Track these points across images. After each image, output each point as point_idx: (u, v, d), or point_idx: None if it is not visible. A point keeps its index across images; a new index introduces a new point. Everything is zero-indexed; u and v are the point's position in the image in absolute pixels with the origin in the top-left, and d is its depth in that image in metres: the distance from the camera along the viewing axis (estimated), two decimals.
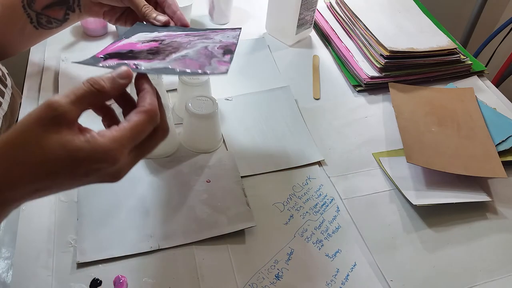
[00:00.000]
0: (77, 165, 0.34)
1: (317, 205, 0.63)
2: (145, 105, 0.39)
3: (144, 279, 0.52)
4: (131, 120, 0.37)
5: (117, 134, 0.36)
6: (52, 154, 0.33)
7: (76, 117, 0.35)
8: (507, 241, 0.61)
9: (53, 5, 0.62)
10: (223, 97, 0.77)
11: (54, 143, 0.34)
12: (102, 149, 0.35)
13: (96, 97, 0.37)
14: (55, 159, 0.34)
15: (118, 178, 0.38)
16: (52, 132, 0.34)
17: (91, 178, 0.36)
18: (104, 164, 0.35)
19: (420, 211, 0.63)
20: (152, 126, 0.39)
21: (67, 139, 0.34)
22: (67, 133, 0.34)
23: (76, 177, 0.35)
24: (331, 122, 0.76)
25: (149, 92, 0.40)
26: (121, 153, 0.36)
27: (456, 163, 0.66)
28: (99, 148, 0.35)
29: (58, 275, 0.52)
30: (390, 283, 0.55)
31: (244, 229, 0.58)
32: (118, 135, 0.36)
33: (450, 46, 0.84)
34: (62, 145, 0.34)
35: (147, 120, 0.38)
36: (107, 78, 0.38)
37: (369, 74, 0.82)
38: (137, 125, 0.37)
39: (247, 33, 0.94)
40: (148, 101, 0.39)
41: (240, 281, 0.53)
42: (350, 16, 0.91)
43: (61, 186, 0.36)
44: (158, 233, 0.56)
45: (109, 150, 0.35)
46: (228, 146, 0.69)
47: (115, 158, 0.35)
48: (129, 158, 0.38)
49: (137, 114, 0.38)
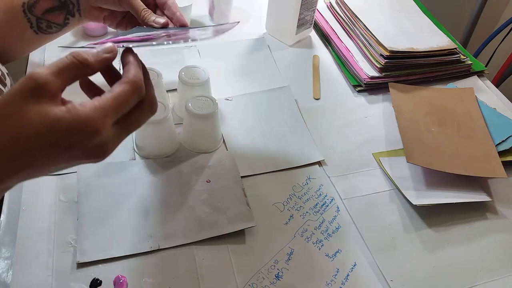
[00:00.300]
0: (57, 136, 0.33)
1: (317, 205, 0.63)
2: (129, 76, 0.38)
3: (144, 279, 0.52)
4: (114, 90, 0.36)
5: (99, 103, 0.35)
6: (30, 125, 0.32)
7: (57, 88, 0.34)
8: (507, 241, 0.61)
9: (53, 9, 0.62)
10: (223, 97, 0.77)
11: (33, 114, 0.32)
12: (82, 119, 0.33)
13: (79, 69, 0.36)
14: (34, 130, 0.32)
15: (104, 154, 0.36)
16: (31, 103, 0.33)
17: (75, 153, 0.35)
18: (85, 134, 0.34)
19: (420, 211, 0.63)
20: (137, 97, 0.38)
21: (47, 110, 0.33)
22: (47, 104, 0.33)
23: (58, 151, 0.34)
24: (331, 122, 0.76)
25: (134, 64, 0.39)
26: (104, 123, 0.35)
27: (456, 163, 0.66)
28: (79, 118, 0.33)
29: (58, 275, 0.52)
30: (390, 283, 0.55)
31: (244, 229, 0.58)
32: (99, 104, 0.35)
33: (450, 46, 0.84)
34: (42, 116, 0.33)
35: (131, 90, 0.37)
36: (91, 52, 0.37)
37: (369, 74, 0.82)
38: (120, 95, 0.36)
39: (247, 33, 0.94)
40: (132, 72, 0.38)
41: (240, 281, 0.53)
42: (350, 16, 0.91)
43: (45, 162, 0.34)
44: (158, 233, 0.56)
45: (91, 119, 0.34)
46: (228, 146, 0.69)
47: (97, 128, 0.34)
48: (113, 131, 0.36)
49: (120, 84, 0.37)
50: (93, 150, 0.36)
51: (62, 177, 0.61)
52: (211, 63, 0.83)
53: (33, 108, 0.33)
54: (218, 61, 0.85)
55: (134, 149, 0.67)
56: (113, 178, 0.62)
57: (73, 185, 0.60)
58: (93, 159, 0.36)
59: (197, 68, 0.70)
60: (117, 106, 0.36)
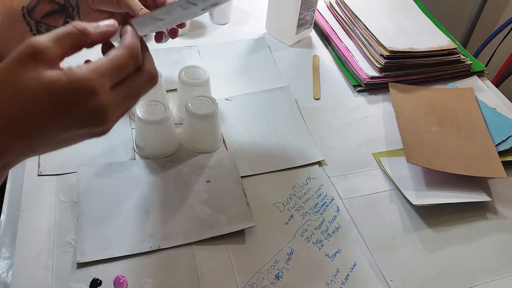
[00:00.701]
0: (54, 98, 0.33)
1: (317, 205, 0.63)
2: (125, 42, 0.38)
3: (144, 279, 0.52)
4: (110, 54, 0.36)
5: (95, 65, 0.35)
6: (26, 87, 0.32)
7: (55, 55, 0.34)
8: (507, 241, 0.61)
9: (53, 13, 0.62)
10: (223, 97, 0.77)
11: (30, 78, 0.32)
12: (79, 79, 0.33)
13: (78, 39, 0.36)
14: (30, 92, 0.32)
15: (103, 121, 0.36)
16: (29, 68, 0.33)
17: (73, 119, 0.34)
18: (82, 94, 0.33)
19: (420, 211, 0.63)
20: (133, 62, 0.38)
21: (44, 74, 0.33)
22: (45, 69, 0.33)
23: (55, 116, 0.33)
24: (331, 122, 0.76)
25: (131, 33, 0.39)
26: (100, 84, 0.34)
27: (456, 163, 0.66)
28: (76, 79, 0.33)
29: (58, 275, 0.52)
30: (390, 283, 0.55)
31: (244, 229, 0.58)
32: (95, 66, 0.35)
33: (450, 46, 0.84)
34: (38, 79, 0.32)
35: (127, 54, 0.37)
36: (91, 24, 0.37)
37: (369, 74, 0.82)
38: (116, 57, 0.36)
39: (247, 33, 0.94)
40: (128, 39, 0.38)
41: (240, 281, 0.53)
42: (350, 16, 0.91)
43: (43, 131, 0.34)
44: (158, 233, 0.56)
45: (87, 79, 0.33)
46: (228, 146, 0.69)
47: (93, 87, 0.34)
48: (112, 96, 0.36)
49: (116, 49, 0.37)
50: (92, 115, 0.35)
51: (62, 177, 0.61)
52: (211, 63, 0.83)
53: (30, 72, 0.33)
54: (218, 61, 0.85)
55: (134, 149, 0.67)
56: (113, 178, 0.62)
57: (73, 185, 0.60)
58: (93, 126, 0.36)
59: (197, 68, 0.70)
60: (113, 68, 0.36)
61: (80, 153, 0.65)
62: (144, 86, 0.40)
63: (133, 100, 0.39)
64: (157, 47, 0.85)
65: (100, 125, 0.36)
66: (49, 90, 0.33)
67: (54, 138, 0.35)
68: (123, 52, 0.37)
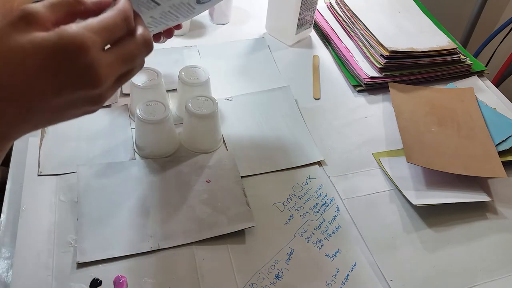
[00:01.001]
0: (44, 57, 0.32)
1: (317, 205, 0.63)
2: (117, 5, 0.37)
3: (144, 279, 0.52)
4: (101, 15, 0.36)
5: (85, 23, 0.34)
6: (17, 49, 0.32)
7: (47, 19, 0.34)
8: (507, 241, 0.61)
9: None
10: (223, 97, 0.77)
11: (21, 38, 0.32)
12: (69, 35, 0.33)
13: (72, 6, 0.35)
14: (20, 54, 0.32)
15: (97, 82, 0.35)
16: (21, 30, 0.32)
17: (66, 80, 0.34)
18: (72, 51, 0.33)
19: (420, 211, 0.63)
20: (125, 24, 0.37)
21: (35, 34, 0.33)
22: (37, 31, 0.33)
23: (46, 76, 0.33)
24: (331, 122, 0.76)
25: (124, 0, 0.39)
26: (91, 40, 0.34)
27: (456, 163, 0.66)
28: (66, 35, 0.33)
29: (58, 275, 0.52)
30: (390, 283, 0.55)
31: (244, 229, 0.58)
32: (86, 23, 0.34)
33: (450, 46, 0.84)
34: (29, 40, 0.32)
35: (118, 15, 0.36)
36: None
37: (369, 74, 0.82)
38: (107, 17, 0.36)
39: (247, 33, 0.94)
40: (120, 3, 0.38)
41: (240, 281, 0.53)
42: (350, 16, 0.91)
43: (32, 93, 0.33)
44: (158, 233, 0.56)
45: (76, 34, 0.33)
46: (228, 146, 0.69)
47: (83, 43, 0.33)
48: (105, 55, 0.35)
49: (108, 11, 0.37)
50: (83, 72, 0.34)
51: (62, 177, 0.61)
52: (211, 63, 0.83)
53: (21, 34, 0.32)
54: (218, 61, 0.85)
55: (134, 149, 0.67)
56: (113, 178, 0.62)
57: (73, 185, 0.60)
58: (86, 88, 0.35)
59: (197, 68, 0.70)
60: (104, 26, 0.35)
61: (80, 153, 0.65)
62: (139, 50, 0.38)
63: (127, 64, 0.38)
64: (157, 47, 0.85)
65: (93, 86, 0.35)
66: (39, 49, 0.32)
67: (48, 104, 0.34)
68: (115, 13, 0.36)
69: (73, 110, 0.36)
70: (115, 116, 0.71)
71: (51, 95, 0.34)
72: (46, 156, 0.64)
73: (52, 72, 0.33)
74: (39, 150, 0.64)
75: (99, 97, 0.36)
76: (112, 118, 0.70)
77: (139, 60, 0.39)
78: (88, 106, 0.37)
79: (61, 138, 0.66)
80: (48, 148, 0.65)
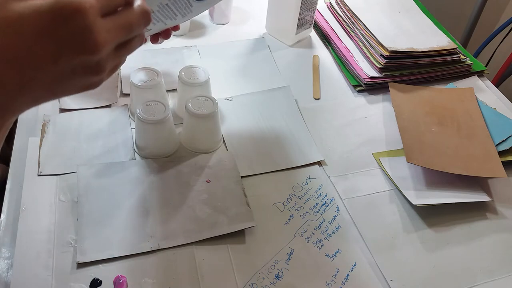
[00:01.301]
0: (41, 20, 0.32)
1: (317, 205, 0.63)
2: None
3: (144, 279, 0.52)
4: None
5: None
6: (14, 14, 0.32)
7: None
8: (507, 241, 0.61)
9: None
10: (223, 97, 0.77)
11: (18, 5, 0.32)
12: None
13: None
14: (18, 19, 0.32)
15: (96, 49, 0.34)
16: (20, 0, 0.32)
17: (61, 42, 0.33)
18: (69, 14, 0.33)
19: (420, 211, 0.63)
20: None
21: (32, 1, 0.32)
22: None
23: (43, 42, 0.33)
24: (331, 122, 0.76)
25: None
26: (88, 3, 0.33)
27: (456, 163, 0.66)
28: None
29: (58, 275, 0.52)
30: (390, 283, 0.55)
31: (244, 229, 0.58)
32: None
33: (450, 46, 0.84)
34: (26, 5, 0.32)
35: None
36: None
37: (369, 74, 0.82)
38: None
39: (247, 33, 0.94)
40: None
41: (240, 281, 0.53)
42: (350, 16, 0.91)
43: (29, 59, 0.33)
44: (158, 233, 0.56)
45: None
46: (228, 146, 0.69)
47: (80, 5, 0.33)
48: (102, 21, 0.35)
49: None
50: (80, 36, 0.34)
51: (62, 177, 0.61)
52: (211, 63, 0.83)
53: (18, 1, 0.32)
54: (218, 61, 0.85)
55: (134, 149, 0.67)
56: (113, 178, 0.62)
57: (73, 185, 0.60)
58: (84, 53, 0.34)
59: (197, 68, 0.70)
60: None
61: (80, 153, 0.65)
62: (137, 20, 0.38)
63: (126, 32, 0.38)
64: (157, 47, 0.85)
65: (91, 51, 0.34)
66: (36, 14, 0.32)
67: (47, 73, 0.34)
68: None
69: (73, 80, 0.36)
70: (115, 116, 0.71)
71: (49, 61, 0.34)
72: (46, 156, 0.64)
73: (50, 36, 0.33)
74: (39, 150, 0.64)
75: (98, 66, 0.36)
76: (112, 118, 0.70)
77: (137, 30, 0.39)
78: (88, 76, 0.36)
79: (61, 138, 0.66)
80: (48, 148, 0.65)
